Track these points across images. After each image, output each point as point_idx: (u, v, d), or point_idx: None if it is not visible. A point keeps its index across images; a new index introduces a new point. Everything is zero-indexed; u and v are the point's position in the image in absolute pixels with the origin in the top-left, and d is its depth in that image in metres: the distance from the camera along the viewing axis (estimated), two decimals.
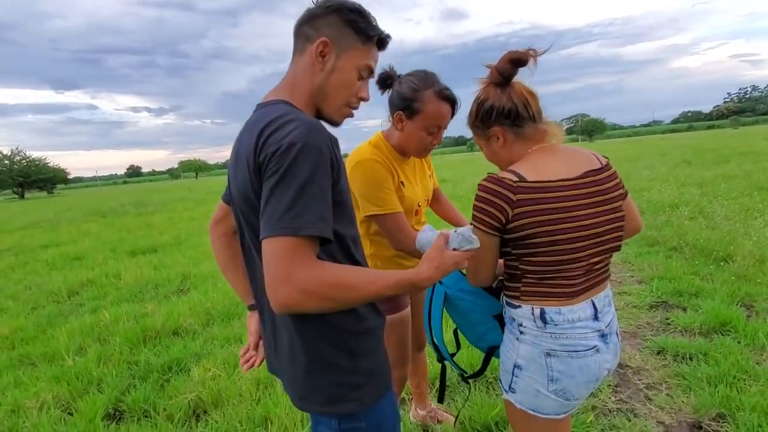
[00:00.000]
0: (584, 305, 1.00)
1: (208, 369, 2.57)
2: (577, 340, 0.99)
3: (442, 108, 1.34)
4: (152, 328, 3.30)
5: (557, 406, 1.02)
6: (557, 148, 1.05)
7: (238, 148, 0.87)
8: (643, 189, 8.00)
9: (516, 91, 1.02)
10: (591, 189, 0.99)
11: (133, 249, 6.96)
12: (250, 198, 0.81)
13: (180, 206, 14.86)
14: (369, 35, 0.89)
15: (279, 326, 0.92)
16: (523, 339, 1.02)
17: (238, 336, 3.09)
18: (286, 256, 0.72)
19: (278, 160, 0.74)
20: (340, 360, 0.87)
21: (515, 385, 1.05)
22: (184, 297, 4.17)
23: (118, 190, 51.18)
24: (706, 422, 1.88)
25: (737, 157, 12.66)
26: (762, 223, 4.51)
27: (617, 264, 4.17)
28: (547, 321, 0.99)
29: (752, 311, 2.87)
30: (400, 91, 1.36)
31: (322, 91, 0.89)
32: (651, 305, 3.15)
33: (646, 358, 2.45)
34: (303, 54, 0.89)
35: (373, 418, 0.90)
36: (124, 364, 2.85)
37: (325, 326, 0.86)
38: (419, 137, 1.38)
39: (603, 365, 1.03)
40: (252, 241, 0.88)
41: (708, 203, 5.97)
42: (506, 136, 1.05)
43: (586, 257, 0.99)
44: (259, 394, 2.30)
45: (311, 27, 0.88)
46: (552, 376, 0.99)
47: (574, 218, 0.96)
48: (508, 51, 1.01)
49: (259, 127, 0.79)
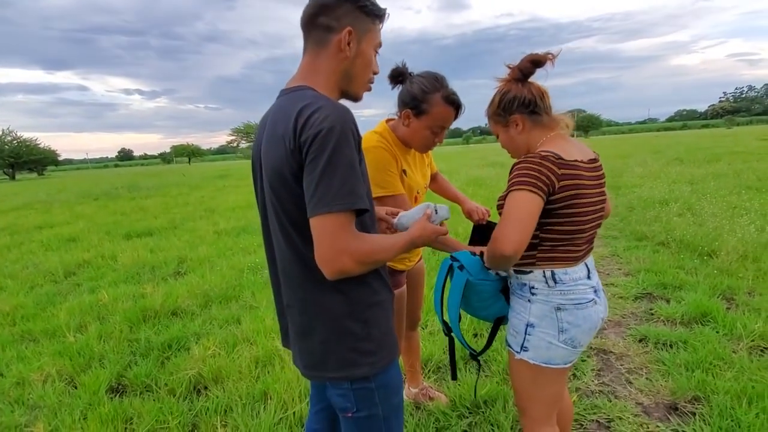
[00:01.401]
0: (581, 266, 1.20)
1: (208, 347, 2.65)
2: (580, 294, 1.17)
3: (448, 111, 1.46)
4: (151, 309, 3.37)
5: (566, 354, 1.19)
6: (568, 138, 1.22)
7: (273, 129, 0.92)
8: (635, 185, 8.14)
9: (534, 86, 1.21)
10: (595, 173, 1.20)
11: (128, 232, 6.97)
12: (284, 175, 0.88)
13: (174, 191, 14.78)
14: (379, 15, 0.98)
15: (292, 304, 1.00)
16: (535, 300, 1.18)
17: (237, 317, 3.17)
18: (342, 229, 0.83)
19: (321, 143, 0.81)
20: (355, 328, 0.95)
21: (528, 344, 1.20)
22: (182, 279, 4.23)
23: (109, 173, 50.60)
24: (682, 404, 2.00)
25: (728, 156, 12.86)
26: (747, 221, 4.65)
27: (606, 257, 4.29)
28: (557, 281, 1.17)
29: (732, 303, 3.00)
30: (411, 90, 1.45)
31: (348, 75, 0.98)
32: (636, 296, 3.27)
33: (629, 345, 2.57)
34: (325, 44, 0.94)
35: (381, 380, 0.99)
36: (125, 341, 2.92)
37: (344, 298, 0.94)
38: (423, 135, 1.48)
39: (599, 315, 1.21)
40: (278, 215, 0.94)
41: (697, 200, 6.10)
42: (525, 123, 1.22)
43: (589, 228, 1.19)
44: (258, 372, 2.39)
45: (330, 18, 0.93)
46: (562, 327, 1.16)
47: (589, 195, 1.15)
48: (529, 53, 1.18)
49: (295, 110, 0.86)
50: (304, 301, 0.97)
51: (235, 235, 6.33)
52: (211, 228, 6.93)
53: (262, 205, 1.02)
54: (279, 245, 0.98)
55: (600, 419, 1.95)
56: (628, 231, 5.12)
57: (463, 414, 2.00)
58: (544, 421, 1.24)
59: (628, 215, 5.88)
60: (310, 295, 0.95)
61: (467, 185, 9.79)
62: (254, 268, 4.35)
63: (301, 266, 0.94)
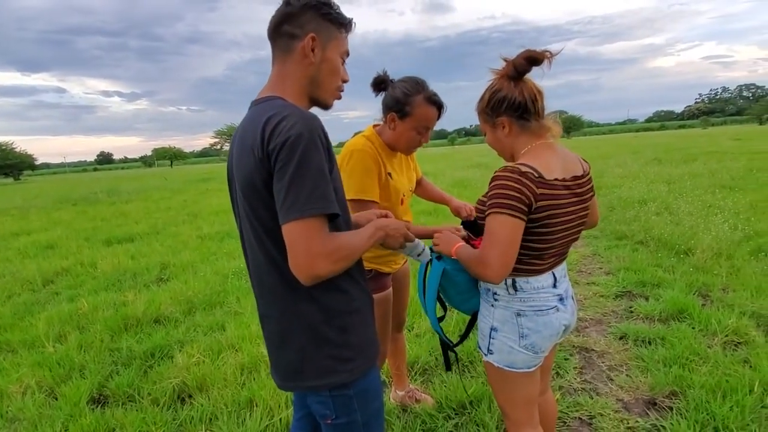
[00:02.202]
0: (547, 276, 1.20)
1: (192, 355, 2.61)
2: (541, 301, 1.18)
3: (431, 112, 1.51)
4: (133, 316, 3.30)
5: (528, 359, 1.19)
6: (555, 147, 1.17)
7: (242, 139, 0.93)
8: (615, 186, 8.33)
9: (527, 86, 1.13)
10: (575, 191, 1.16)
11: (108, 238, 6.82)
12: (256, 184, 0.88)
13: (156, 195, 14.53)
14: (343, 23, 1.00)
15: (268, 314, 1.00)
16: (497, 305, 1.20)
17: (221, 323, 3.14)
18: (315, 234, 0.83)
19: (290, 150, 0.82)
20: (333, 336, 0.96)
21: (492, 347, 1.21)
22: (165, 286, 4.16)
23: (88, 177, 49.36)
24: (660, 399, 2.06)
25: (704, 156, 13.26)
26: (721, 219, 4.81)
27: (588, 256, 4.38)
28: (517, 289, 1.17)
29: (707, 300, 3.10)
30: (393, 95, 1.51)
31: (315, 82, 0.99)
32: (617, 295, 3.35)
33: (610, 342, 2.64)
34: (290, 51, 0.96)
35: (360, 386, 1.00)
36: (106, 351, 2.86)
37: (320, 306, 0.95)
38: (409, 136, 1.54)
39: (562, 322, 1.21)
40: (252, 224, 0.94)
41: (674, 200, 6.28)
42: (512, 127, 1.16)
43: (560, 245, 1.18)
44: (243, 379, 2.37)
45: (293, 25, 0.95)
46: (522, 332, 1.17)
47: (564, 214, 1.12)
48: (526, 49, 1.09)
49: (262, 120, 0.87)
50: (280, 310, 0.97)
51: (219, 239, 6.26)
52: (195, 232, 6.84)
53: (237, 215, 1.03)
54: (254, 254, 0.98)
55: (582, 416, 2.00)
56: (608, 230, 5.24)
57: (449, 415, 2.02)
58: (525, 422, 1.26)
59: (608, 215, 6.01)
60: (286, 304, 0.95)
61: (452, 187, 9.88)
62: (239, 273, 4.30)
63: (277, 275, 0.94)
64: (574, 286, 3.58)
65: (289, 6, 0.95)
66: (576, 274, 3.87)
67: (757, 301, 2.91)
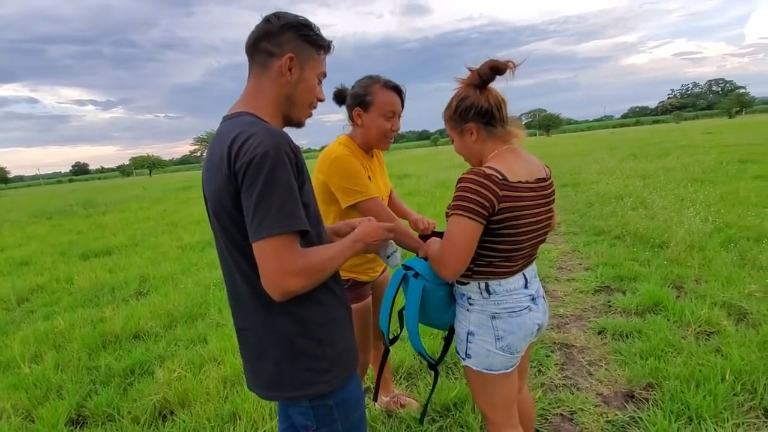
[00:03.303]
0: (518, 277, 1.23)
1: (173, 370, 2.56)
2: (514, 303, 1.21)
3: (391, 96, 1.56)
4: (111, 333, 3.22)
5: (505, 360, 1.22)
6: (519, 152, 1.22)
7: (210, 156, 0.94)
8: (593, 182, 8.51)
9: (492, 94, 1.18)
10: (539, 193, 1.20)
11: (85, 252, 6.65)
12: (224, 202, 0.89)
13: (134, 205, 14.21)
14: (322, 45, 1.02)
15: (244, 327, 1.00)
16: (473, 309, 1.23)
17: (203, 336, 3.09)
18: (286, 250, 0.84)
19: (256, 168, 0.82)
20: (309, 348, 0.96)
21: (470, 351, 1.24)
22: (144, 300, 4.08)
23: (63, 188, 47.92)
24: (638, 391, 2.12)
25: (677, 150, 13.67)
26: (693, 212, 4.96)
27: (568, 253, 4.47)
28: (491, 292, 1.20)
29: (681, 292, 3.20)
30: (353, 92, 1.58)
31: (290, 100, 1.00)
32: (596, 290, 3.42)
33: (590, 337, 2.69)
34: (267, 68, 0.97)
35: (340, 396, 1.01)
36: (84, 369, 2.78)
37: (295, 319, 0.95)
38: (378, 125, 1.57)
39: (535, 321, 1.25)
40: (225, 242, 0.95)
41: (649, 194, 6.46)
42: (480, 133, 1.20)
43: (527, 247, 1.21)
44: (226, 392, 2.34)
45: (272, 44, 0.96)
46: (498, 335, 1.20)
47: (529, 215, 1.16)
48: (490, 59, 1.14)
49: (229, 137, 0.88)
50: (256, 323, 0.97)
51: (200, 249, 6.16)
52: (175, 243, 6.72)
53: (213, 233, 1.03)
54: (228, 268, 0.99)
55: (563, 412, 2.03)
56: (587, 226, 5.35)
57: (434, 418, 2.03)
58: (505, 423, 1.28)
59: (587, 211, 6.15)
60: (261, 317, 0.96)
61: (435, 188, 9.93)
62: (220, 283, 4.24)
63: (251, 289, 0.94)
64: (555, 283, 3.65)
65: (269, 24, 0.96)
66: (557, 271, 3.94)
67: (728, 291, 3.02)
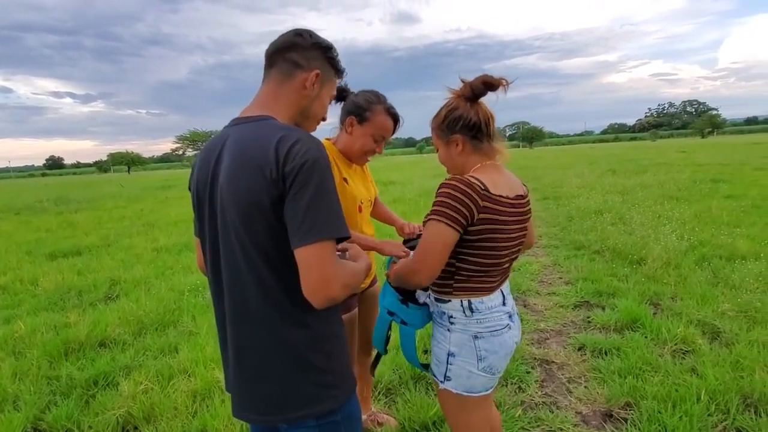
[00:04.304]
0: (497, 294, 1.23)
1: (140, 382, 2.43)
2: (495, 321, 1.20)
3: (388, 122, 1.59)
4: (75, 340, 3.06)
5: (486, 381, 1.21)
6: (502, 169, 1.24)
7: (242, 157, 0.89)
8: (573, 196, 8.67)
9: (482, 109, 1.19)
10: (518, 209, 1.21)
11: (53, 251, 6.36)
12: (261, 204, 0.86)
13: (109, 203, 13.76)
14: (340, 70, 1.07)
15: (247, 345, 0.95)
16: (454, 329, 1.20)
17: (174, 345, 2.96)
18: (330, 257, 0.84)
19: (308, 173, 0.84)
20: (318, 362, 0.94)
21: (450, 373, 1.21)
22: (113, 304, 3.89)
23: (35, 183, 46.17)
24: (616, 410, 2.11)
25: (654, 168, 14.09)
26: (669, 230, 5.09)
27: (548, 266, 4.50)
28: (474, 310, 1.19)
29: (658, 309, 3.24)
30: (356, 100, 1.58)
31: (305, 113, 1.03)
32: (575, 305, 3.44)
33: (569, 354, 2.69)
34: (291, 77, 0.99)
35: (346, 411, 0.99)
36: (43, 379, 2.63)
37: (309, 333, 0.93)
38: (364, 142, 1.58)
39: (513, 339, 1.25)
40: (246, 248, 0.89)
41: (627, 210, 6.61)
42: (465, 146, 1.21)
43: (505, 262, 1.22)
44: (195, 407, 2.23)
45: (301, 56, 0.99)
46: (480, 355, 1.18)
47: (507, 230, 1.16)
48: (484, 74, 1.15)
49: (272, 139, 0.87)
50: (264, 339, 0.93)
51: (177, 252, 5.98)
52: (150, 245, 6.50)
53: (213, 240, 0.96)
54: (238, 280, 0.92)
55: (543, 431, 2.01)
56: (567, 240, 5.42)
57: None
58: None
59: (568, 225, 6.24)
60: (273, 332, 0.92)
61: (420, 196, 9.95)
62: (196, 289, 4.10)
63: (268, 301, 0.91)
64: (536, 296, 3.67)
65: (299, 37, 0.99)
66: (537, 284, 3.96)
67: (702, 309, 3.07)
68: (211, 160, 0.95)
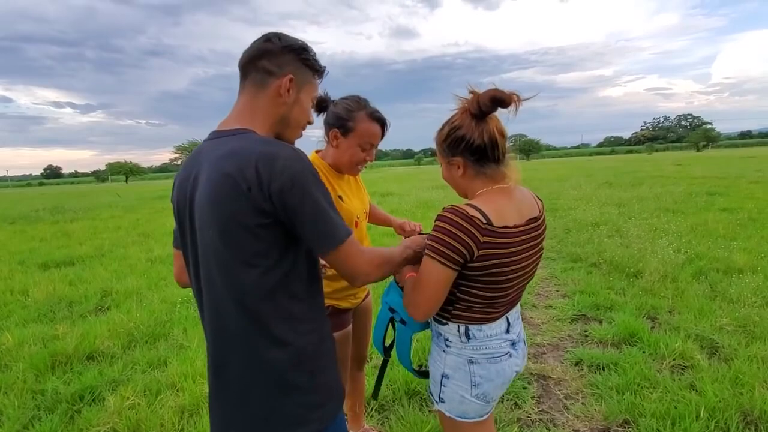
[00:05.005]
0: (500, 322, 1.15)
1: (126, 397, 2.37)
2: (494, 348, 1.13)
3: (374, 127, 1.49)
4: (63, 353, 2.99)
5: (479, 409, 1.15)
6: (512, 192, 1.10)
7: (217, 172, 0.86)
8: (570, 208, 8.67)
9: (489, 128, 1.03)
10: (531, 235, 1.10)
11: (46, 261, 6.28)
12: (243, 221, 0.84)
13: (105, 213, 13.67)
14: (318, 70, 1.03)
15: (225, 362, 0.92)
16: (449, 351, 1.14)
17: (163, 359, 2.90)
18: (356, 250, 0.92)
19: (300, 186, 0.85)
20: (301, 381, 0.91)
21: (443, 395, 1.16)
22: (103, 316, 3.83)
23: (32, 192, 46.00)
24: (614, 428, 2.06)
25: (650, 180, 14.15)
26: (666, 243, 5.07)
27: (545, 279, 4.47)
28: (470, 337, 1.12)
29: (656, 323, 3.20)
30: (335, 111, 1.49)
31: (284, 121, 0.99)
32: (573, 318, 3.40)
33: (566, 369, 2.64)
34: (265, 87, 0.96)
35: (332, 431, 0.96)
36: (28, 393, 2.56)
37: (290, 350, 0.90)
38: (352, 153, 1.50)
39: (513, 368, 1.18)
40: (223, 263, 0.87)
41: (624, 223, 6.60)
42: (467, 170, 1.09)
43: (512, 293, 1.13)
44: (182, 424, 2.16)
45: (272, 63, 0.95)
46: (474, 381, 1.12)
47: (516, 261, 1.06)
48: (494, 87, 0.99)
49: (251, 155, 0.84)
50: (242, 356, 0.90)
51: (171, 263, 5.90)
52: (144, 255, 6.43)
53: (194, 254, 0.94)
54: (215, 296, 0.90)
55: None
56: (565, 252, 5.39)
57: None
58: None
59: (565, 237, 6.22)
60: (253, 351, 0.89)
61: (417, 208, 9.94)
62: (189, 300, 4.03)
63: (244, 318, 0.88)
64: (532, 310, 3.62)
65: (269, 43, 0.96)
66: (534, 297, 3.92)
67: (700, 324, 3.04)
68: (190, 176, 0.93)
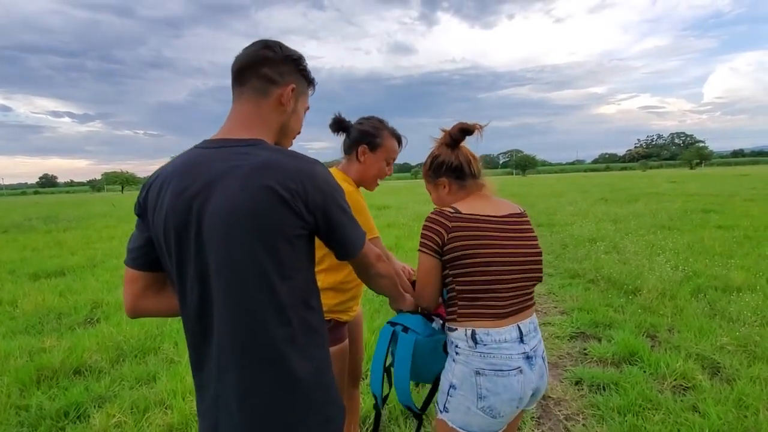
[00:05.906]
0: (510, 328, 1.15)
1: (112, 415, 2.29)
2: (503, 360, 1.13)
3: (395, 144, 1.68)
4: (49, 366, 2.90)
5: (484, 423, 1.14)
6: (489, 196, 1.31)
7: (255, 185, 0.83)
8: (567, 224, 8.69)
9: (462, 152, 1.31)
10: (514, 226, 1.23)
11: (37, 271, 6.18)
12: (284, 230, 0.85)
13: (99, 223, 13.55)
14: (312, 81, 1.05)
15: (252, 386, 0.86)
16: (458, 359, 1.16)
17: (152, 374, 2.81)
18: (372, 254, 1.03)
19: (332, 198, 0.91)
20: (320, 396, 0.91)
21: (449, 405, 1.16)
22: (92, 329, 3.73)
23: (26, 201, 45.62)
24: None
25: (645, 197, 14.24)
26: (664, 260, 5.06)
27: (543, 295, 4.42)
28: (477, 341, 1.13)
29: (656, 341, 3.16)
30: (363, 129, 1.62)
31: (285, 129, 1.01)
32: (571, 336, 3.35)
33: (566, 388, 2.59)
34: (266, 95, 0.95)
35: None
36: (12, 409, 2.46)
37: (313, 366, 0.90)
38: (379, 167, 1.64)
39: (527, 385, 1.15)
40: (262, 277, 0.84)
41: (621, 239, 6.59)
42: (451, 186, 1.32)
43: (512, 281, 1.17)
44: None
45: (273, 71, 0.95)
46: (480, 393, 1.12)
47: (500, 246, 1.17)
48: (459, 122, 1.28)
49: (290, 168, 0.86)
50: (274, 377, 0.86)
51: None
52: None
53: (199, 270, 0.86)
54: (249, 312, 0.84)
55: None
56: (562, 268, 5.36)
57: None
58: None
59: (562, 252, 6.19)
60: (285, 368, 0.86)
61: (413, 221, 9.92)
62: None
63: (281, 331, 0.86)
64: None
65: (270, 51, 0.95)
66: None
67: (700, 343, 2.99)
68: (193, 186, 0.85)
